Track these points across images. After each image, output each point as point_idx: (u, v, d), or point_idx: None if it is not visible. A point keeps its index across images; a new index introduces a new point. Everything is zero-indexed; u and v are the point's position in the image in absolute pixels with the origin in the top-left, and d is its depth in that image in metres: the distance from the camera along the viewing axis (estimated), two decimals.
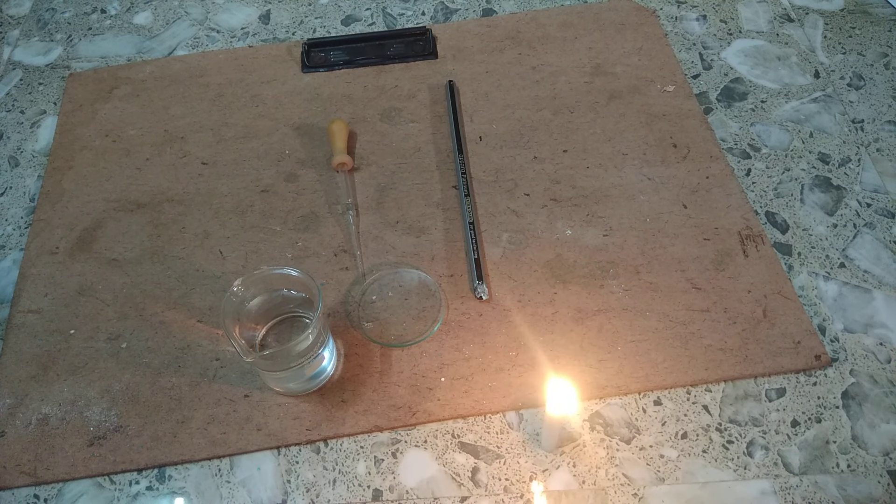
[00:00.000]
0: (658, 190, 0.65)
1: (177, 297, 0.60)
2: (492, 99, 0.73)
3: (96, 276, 0.62)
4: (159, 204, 0.67)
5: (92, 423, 0.54)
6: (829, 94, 0.72)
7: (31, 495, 0.51)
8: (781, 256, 0.61)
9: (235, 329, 0.50)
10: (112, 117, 0.74)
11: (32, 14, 0.87)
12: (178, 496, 0.51)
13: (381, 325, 0.58)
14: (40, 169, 0.71)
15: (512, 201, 0.65)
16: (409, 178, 0.67)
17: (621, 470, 0.50)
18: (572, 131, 0.70)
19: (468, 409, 0.53)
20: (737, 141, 0.69)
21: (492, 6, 0.83)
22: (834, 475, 0.50)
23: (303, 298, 0.54)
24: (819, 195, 0.65)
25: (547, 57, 0.77)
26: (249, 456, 0.52)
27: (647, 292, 0.58)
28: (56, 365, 0.57)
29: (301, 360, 0.50)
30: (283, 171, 0.68)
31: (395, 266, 0.61)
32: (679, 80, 0.74)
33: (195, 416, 0.54)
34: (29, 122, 0.76)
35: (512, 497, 0.50)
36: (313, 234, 0.64)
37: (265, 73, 0.77)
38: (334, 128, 0.68)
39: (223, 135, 0.72)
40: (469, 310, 0.58)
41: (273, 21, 0.84)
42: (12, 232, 0.66)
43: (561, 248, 0.61)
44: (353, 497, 0.50)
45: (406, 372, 0.55)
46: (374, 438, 0.53)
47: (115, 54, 0.81)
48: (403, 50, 0.78)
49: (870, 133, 0.69)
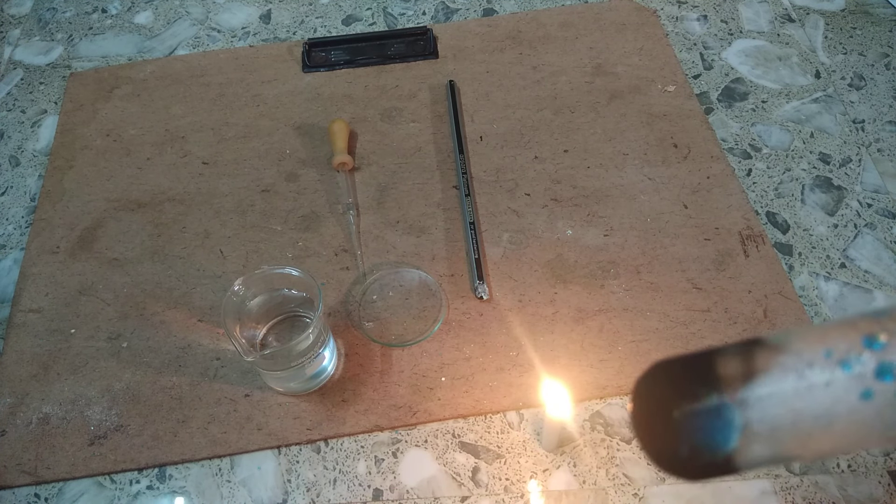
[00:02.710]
0: (659, 190, 0.65)
1: (177, 297, 0.60)
2: (492, 99, 0.73)
3: (97, 276, 0.62)
4: (160, 203, 0.67)
5: (92, 422, 0.54)
6: (829, 95, 0.72)
7: (31, 494, 0.51)
8: (782, 256, 0.61)
9: (236, 328, 0.50)
10: (113, 117, 0.74)
11: (33, 13, 0.87)
12: (178, 495, 0.51)
13: (382, 324, 0.58)
14: (41, 168, 0.71)
15: (512, 201, 0.65)
16: (409, 177, 0.67)
17: (622, 470, 0.50)
18: (573, 131, 0.70)
19: (469, 409, 0.53)
20: (737, 141, 0.69)
21: (492, 6, 0.83)
22: (834, 475, 0.50)
23: (303, 298, 0.54)
24: (820, 195, 0.65)
25: (548, 57, 0.77)
26: (250, 455, 0.52)
27: (647, 292, 0.58)
28: (57, 364, 0.57)
29: (301, 359, 0.50)
30: (284, 171, 0.68)
31: (396, 266, 0.61)
32: (680, 80, 0.74)
33: (196, 415, 0.54)
34: (30, 121, 0.76)
35: (512, 497, 0.50)
36: (314, 233, 0.64)
37: (266, 72, 0.77)
38: (335, 127, 0.68)
39: (224, 134, 0.72)
40: (469, 309, 0.58)
41: (274, 21, 0.84)
42: (13, 231, 0.66)
43: (561, 248, 0.61)
44: (353, 497, 0.50)
45: (406, 371, 0.55)
46: (374, 438, 0.53)
47: (116, 54, 0.81)
48: (404, 50, 0.78)
49: (870, 133, 0.69)
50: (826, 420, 0.22)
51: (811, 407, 0.22)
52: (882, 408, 0.21)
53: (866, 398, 0.21)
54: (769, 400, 0.22)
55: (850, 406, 0.21)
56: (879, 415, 0.21)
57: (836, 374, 0.22)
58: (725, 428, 0.22)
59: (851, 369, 0.21)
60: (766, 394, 0.22)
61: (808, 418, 0.22)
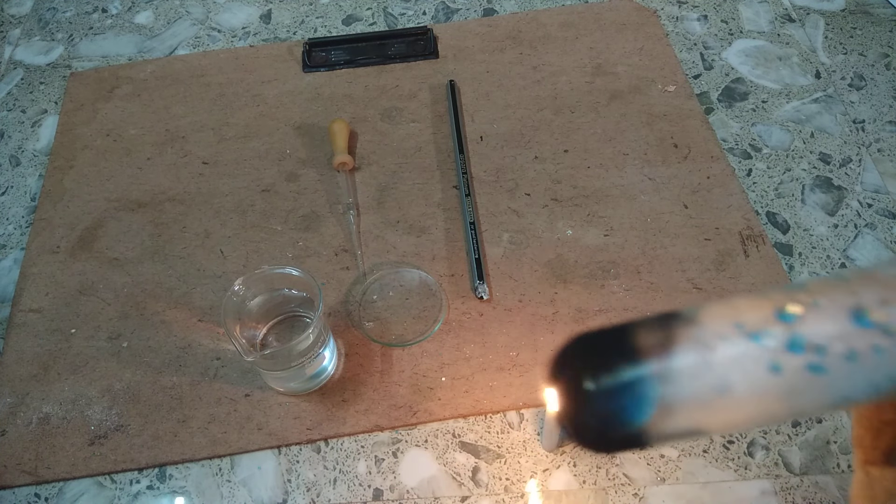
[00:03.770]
0: (659, 190, 0.65)
1: (178, 297, 0.60)
2: (493, 99, 0.73)
3: (97, 276, 0.62)
4: (160, 203, 0.67)
5: (93, 422, 0.54)
6: (830, 95, 0.72)
7: (31, 494, 0.51)
8: (782, 257, 0.61)
9: (236, 328, 0.50)
10: (113, 117, 0.74)
11: (33, 13, 0.88)
12: (178, 495, 0.51)
13: (382, 324, 0.58)
14: (41, 168, 0.71)
15: (513, 201, 0.65)
16: (409, 177, 0.67)
17: (622, 470, 0.50)
18: (573, 131, 0.70)
19: (469, 409, 0.53)
20: (738, 141, 0.69)
21: (493, 6, 0.83)
22: (835, 475, 0.50)
23: (303, 298, 0.54)
24: (820, 195, 0.65)
25: (548, 57, 0.77)
26: (250, 455, 0.52)
27: (647, 292, 0.58)
28: (57, 364, 0.57)
29: (302, 359, 0.50)
30: (284, 171, 0.68)
31: (396, 266, 0.61)
32: (680, 81, 0.74)
33: (196, 415, 0.54)
34: (30, 121, 0.76)
35: (512, 497, 0.50)
36: (314, 233, 0.64)
37: (266, 72, 0.77)
38: (335, 127, 0.68)
39: (224, 134, 0.72)
40: (470, 309, 0.58)
41: (274, 21, 0.84)
42: (13, 231, 0.66)
43: (562, 248, 0.62)
44: (353, 496, 0.50)
45: (407, 371, 0.55)
46: (374, 438, 0.53)
47: (116, 54, 0.81)
48: (404, 50, 0.78)
49: (871, 133, 0.69)
50: (736, 393, 0.21)
51: (721, 379, 0.21)
52: (790, 380, 0.21)
53: (775, 371, 0.21)
54: (680, 373, 0.22)
55: (759, 378, 0.21)
56: (788, 387, 0.21)
57: (746, 346, 0.21)
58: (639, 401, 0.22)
59: (761, 342, 0.21)
60: (678, 366, 0.22)
61: (718, 391, 0.21)
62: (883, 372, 0.21)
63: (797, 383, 0.21)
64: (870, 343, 0.21)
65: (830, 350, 0.21)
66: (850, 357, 0.21)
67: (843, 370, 0.21)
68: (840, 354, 0.21)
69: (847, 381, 0.21)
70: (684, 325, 0.22)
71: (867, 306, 0.21)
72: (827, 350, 0.21)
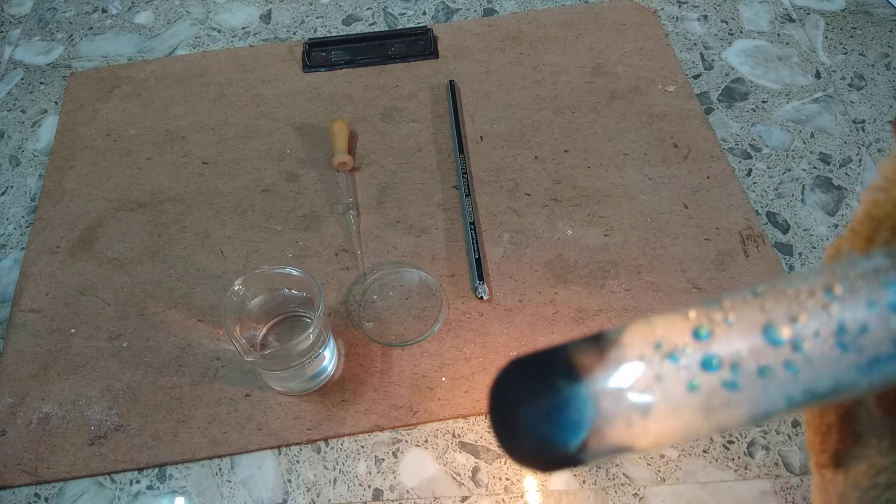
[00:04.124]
0: (659, 190, 0.65)
1: (178, 297, 0.60)
2: (493, 99, 0.73)
3: (97, 276, 0.62)
4: (160, 203, 0.67)
5: (93, 422, 0.54)
6: (830, 95, 0.72)
7: (31, 494, 0.51)
8: (782, 257, 0.61)
9: (236, 328, 0.50)
10: (113, 117, 0.74)
11: (33, 13, 0.88)
12: (178, 495, 0.51)
13: (382, 324, 0.58)
14: (41, 168, 0.71)
15: (513, 201, 0.65)
16: (409, 177, 0.67)
17: (622, 470, 0.50)
18: (573, 131, 0.70)
19: (469, 409, 0.53)
20: (738, 141, 0.69)
21: (493, 6, 0.83)
22: None
23: (303, 298, 0.54)
24: (820, 195, 0.65)
25: (548, 57, 0.77)
26: (250, 455, 0.52)
27: (648, 292, 0.58)
28: (57, 364, 0.57)
29: (302, 359, 0.50)
30: (284, 171, 0.68)
31: (396, 266, 0.61)
32: (680, 81, 0.74)
33: (196, 415, 0.54)
34: (30, 121, 0.76)
35: (512, 497, 0.50)
36: (314, 233, 0.64)
37: (266, 72, 0.77)
38: (335, 127, 0.68)
39: (224, 134, 0.72)
40: (470, 309, 0.58)
41: (274, 21, 0.84)
42: (13, 231, 0.66)
43: (562, 248, 0.61)
44: (353, 496, 0.50)
45: (407, 371, 0.55)
46: (374, 438, 0.53)
47: (116, 54, 0.81)
48: (404, 50, 0.78)
49: (871, 133, 0.69)
50: (659, 412, 0.22)
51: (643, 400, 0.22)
52: (708, 398, 0.21)
53: (692, 389, 0.21)
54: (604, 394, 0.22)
55: (678, 397, 0.22)
56: (706, 405, 0.21)
57: (665, 366, 0.22)
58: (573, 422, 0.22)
59: (678, 361, 0.22)
60: (602, 388, 0.22)
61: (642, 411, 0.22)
62: (797, 386, 0.21)
63: (714, 400, 0.21)
64: (781, 359, 0.21)
65: (743, 367, 0.21)
66: (762, 373, 0.21)
67: (756, 386, 0.21)
68: (752, 371, 0.21)
69: (762, 397, 0.21)
70: (609, 346, 0.23)
71: (776, 322, 0.21)
72: (739, 367, 0.21)
